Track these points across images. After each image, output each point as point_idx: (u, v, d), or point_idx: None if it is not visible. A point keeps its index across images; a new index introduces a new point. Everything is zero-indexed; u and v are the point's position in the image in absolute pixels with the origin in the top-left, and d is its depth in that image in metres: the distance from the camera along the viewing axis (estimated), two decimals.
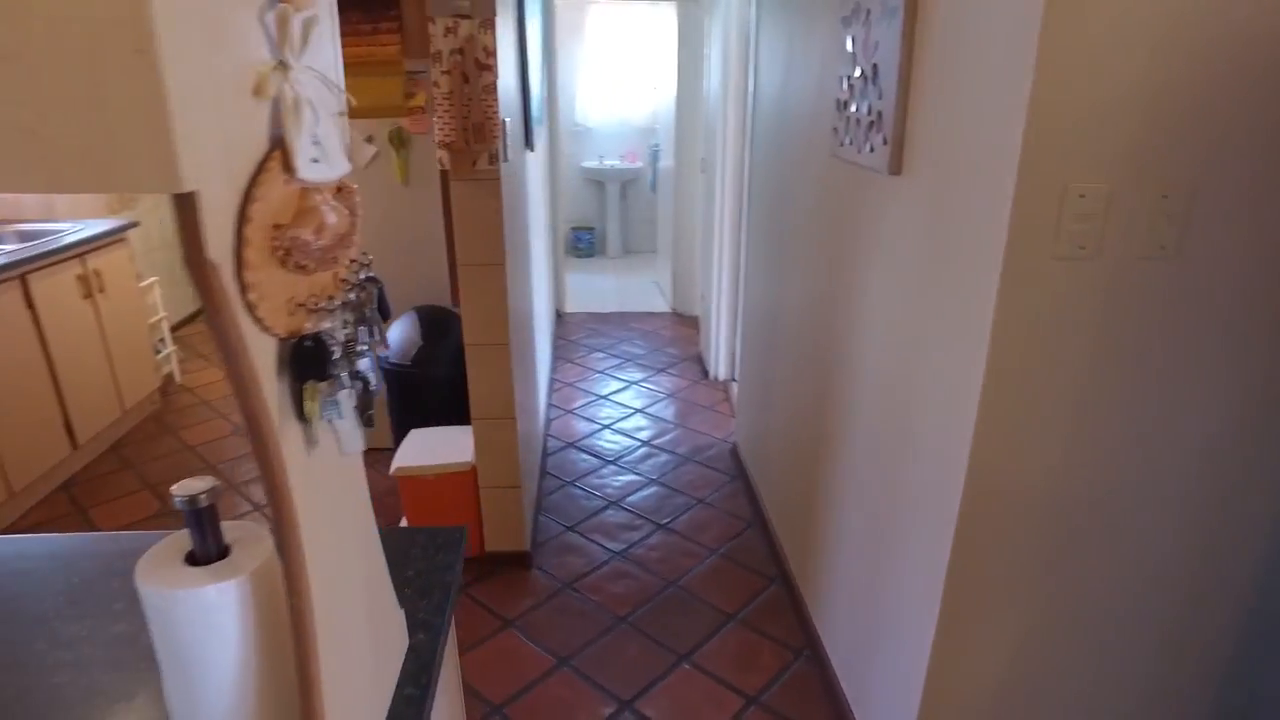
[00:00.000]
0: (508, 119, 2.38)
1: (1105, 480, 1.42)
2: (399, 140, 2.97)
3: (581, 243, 6.78)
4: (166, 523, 3.02)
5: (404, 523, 2.82)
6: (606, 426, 3.76)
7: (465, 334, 2.46)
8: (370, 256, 0.79)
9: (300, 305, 0.63)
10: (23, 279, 3.10)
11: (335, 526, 0.77)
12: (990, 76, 1.31)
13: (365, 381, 0.74)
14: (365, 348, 0.75)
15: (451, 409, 2.92)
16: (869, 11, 1.76)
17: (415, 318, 3.06)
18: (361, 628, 0.84)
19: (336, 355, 0.67)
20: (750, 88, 3.24)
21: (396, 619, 0.99)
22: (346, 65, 2.07)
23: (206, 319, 0.56)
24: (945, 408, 1.49)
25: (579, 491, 3.20)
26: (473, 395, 2.53)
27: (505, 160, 2.37)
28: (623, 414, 3.89)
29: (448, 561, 1.20)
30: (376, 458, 2.98)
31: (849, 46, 1.89)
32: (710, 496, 3.15)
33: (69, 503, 3.19)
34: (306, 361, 0.63)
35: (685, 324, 5.13)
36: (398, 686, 0.96)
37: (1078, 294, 1.32)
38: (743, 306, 3.55)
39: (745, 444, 3.27)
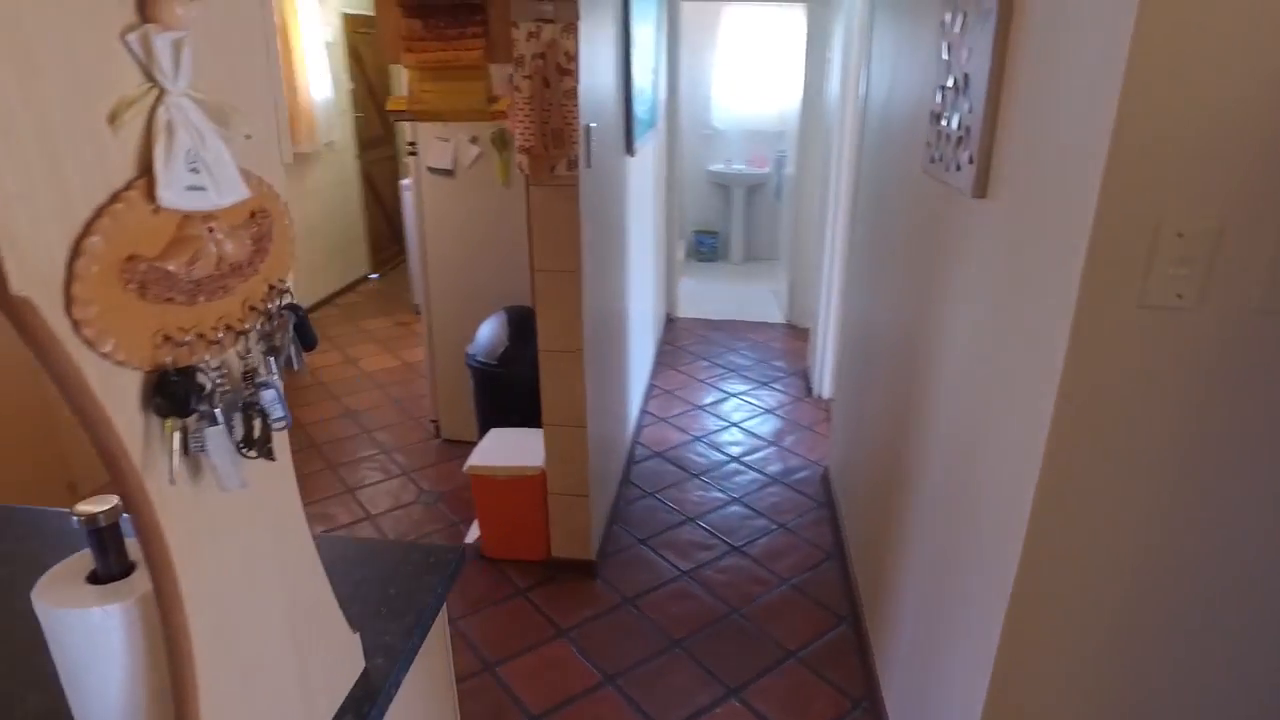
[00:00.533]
0: (593, 124, 2.35)
1: (1193, 573, 1.21)
2: (501, 142, 3.01)
3: (704, 247, 6.70)
4: None
5: (476, 522, 2.87)
6: (699, 439, 3.68)
7: (540, 339, 2.45)
8: (288, 283, 0.76)
9: (168, 339, 0.61)
10: None
11: (242, 556, 0.74)
12: (1078, 88, 1.14)
13: (264, 415, 0.71)
14: (268, 379, 0.72)
15: (535, 410, 2.91)
16: (965, 14, 1.59)
17: (505, 318, 3.09)
18: (280, 656, 0.82)
19: (209, 389, 0.64)
20: (862, 94, 3.06)
21: (343, 643, 0.96)
22: (432, 69, 2.11)
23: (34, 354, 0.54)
24: (1006, 465, 1.32)
25: (658, 504, 3.13)
26: (545, 401, 2.52)
27: (588, 166, 2.34)
28: (717, 427, 3.79)
29: (432, 584, 1.17)
30: (464, 451, 3.07)
31: (944, 53, 1.72)
32: (793, 522, 3.00)
33: None
34: (164, 397, 0.60)
35: (797, 337, 4.95)
36: (338, 714, 0.93)
37: (1170, 350, 1.12)
38: (842, 323, 3.37)
39: (836, 470, 3.10)
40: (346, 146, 5.95)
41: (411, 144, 3.24)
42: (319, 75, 5.31)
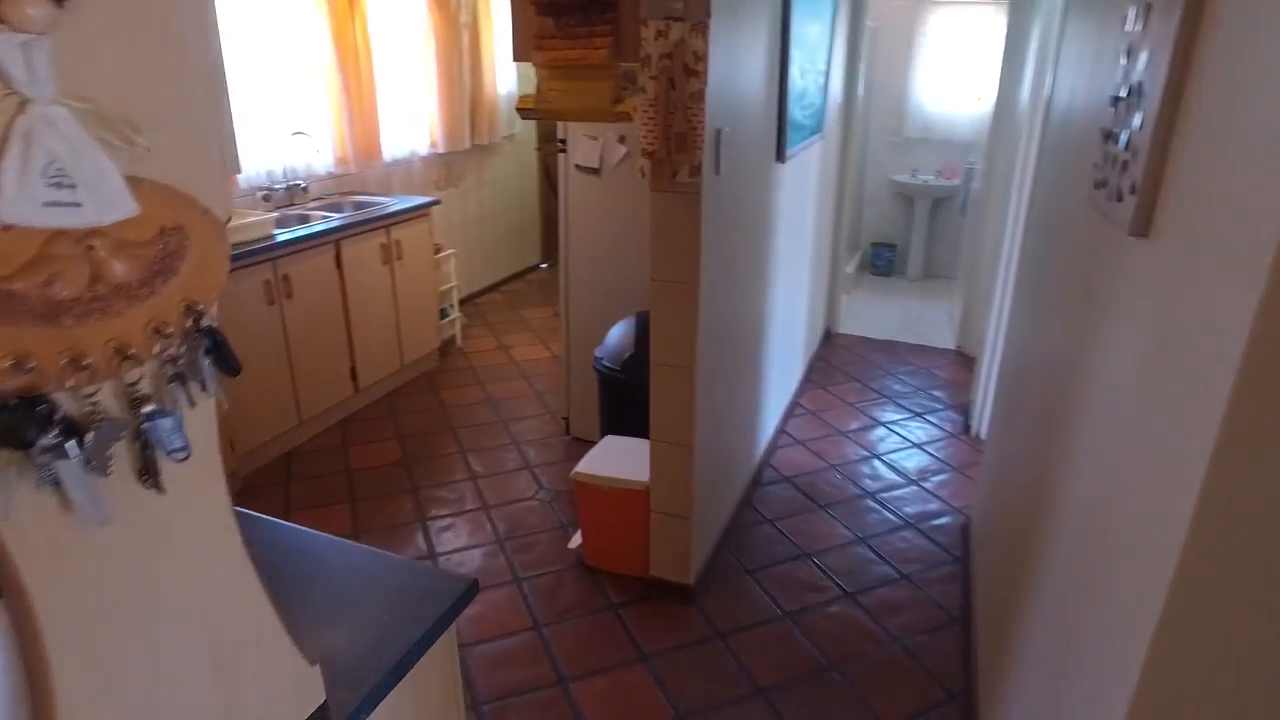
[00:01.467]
0: (726, 129, 2.20)
1: None
2: None
3: (881, 260, 6.31)
4: (395, 474, 3.35)
5: (579, 531, 2.82)
6: (835, 467, 3.43)
7: (652, 351, 2.35)
8: (202, 306, 0.70)
9: (17, 364, 0.56)
10: (336, 243, 3.61)
11: (137, 588, 0.70)
12: (1267, 110, 0.87)
13: (152, 446, 0.65)
14: (167, 408, 0.66)
15: None
16: (1150, 6, 1.30)
17: (634, 322, 3.02)
18: (195, 690, 0.77)
19: (68, 417, 0.59)
20: (1046, 103, 2.69)
21: (294, 674, 0.91)
22: (561, 68, 2.05)
23: None
24: (1140, 546, 1.06)
25: (776, 533, 2.94)
26: (653, 415, 2.42)
27: (715, 174, 2.20)
28: (858, 456, 3.52)
29: (431, 614, 1.10)
30: (584, 451, 3.05)
31: (1122, 57, 1.42)
32: (919, 574, 2.71)
33: (340, 437, 3.68)
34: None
35: (965, 366, 4.51)
36: None
37: None
38: (1001, 357, 3.00)
39: (978, 521, 2.76)
40: (529, 139, 6.14)
41: (561, 141, 3.24)
42: (505, 71, 5.50)
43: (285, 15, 3.85)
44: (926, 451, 3.57)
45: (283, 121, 3.92)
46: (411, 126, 4.81)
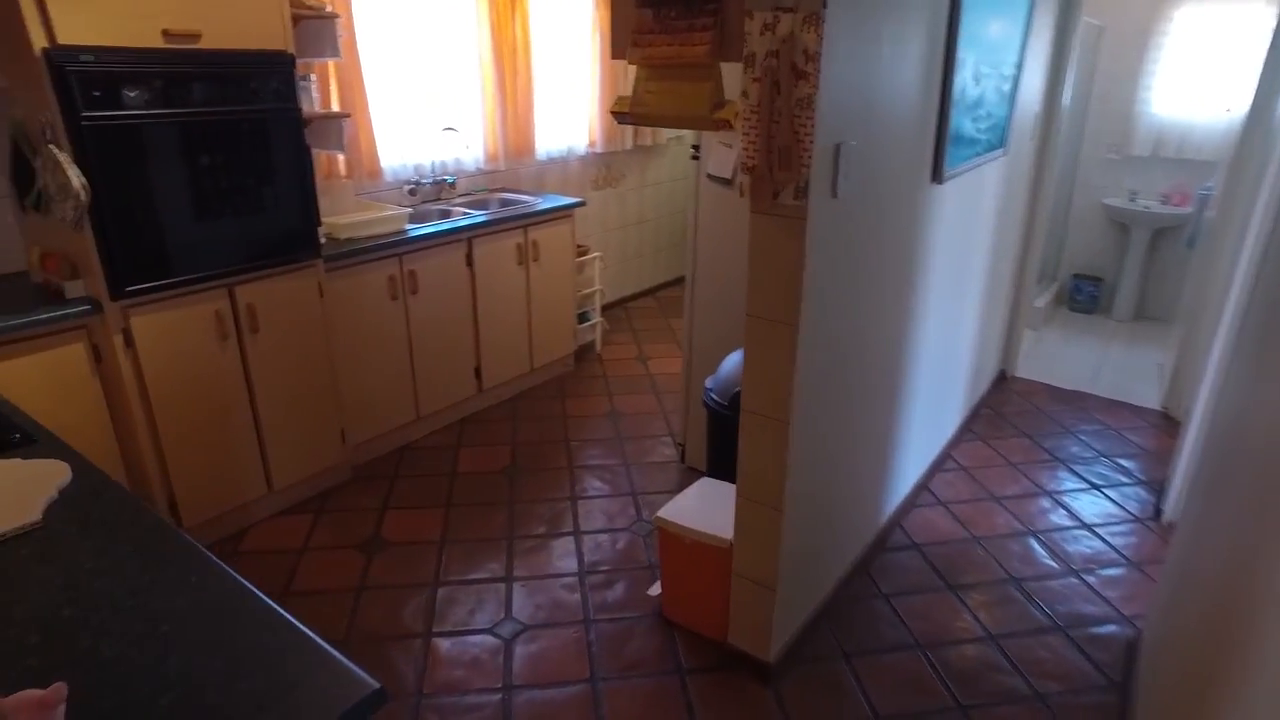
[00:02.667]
0: (849, 142, 1.85)
1: None
2: None
3: (1082, 295, 5.49)
4: (497, 484, 3.24)
5: (658, 579, 2.56)
6: (978, 540, 2.93)
7: (743, 395, 2.04)
8: None
9: None
10: (468, 241, 3.56)
11: None
12: None
13: None
14: None
15: None
16: None
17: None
18: None
19: None
20: None
21: None
22: (657, 67, 1.80)
23: None
24: None
25: (889, 612, 2.53)
26: (740, 469, 2.11)
27: (832, 196, 1.85)
28: (1010, 530, 2.99)
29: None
30: (693, 480, 2.79)
31: None
32: (1059, 698, 2.20)
33: (455, 437, 3.64)
34: None
35: (1168, 432, 3.76)
36: None
37: None
38: (1210, 426, 2.38)
39: (1151, 639, 2.20)
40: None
41: (695, 147, 2.98)
42: None
43: (444, 9, 3.86)
44: (1099, 536, 2.96)
45: (435, 116, 3.94)
46: (570, 124, 4.73)
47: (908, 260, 2.48)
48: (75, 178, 2.21)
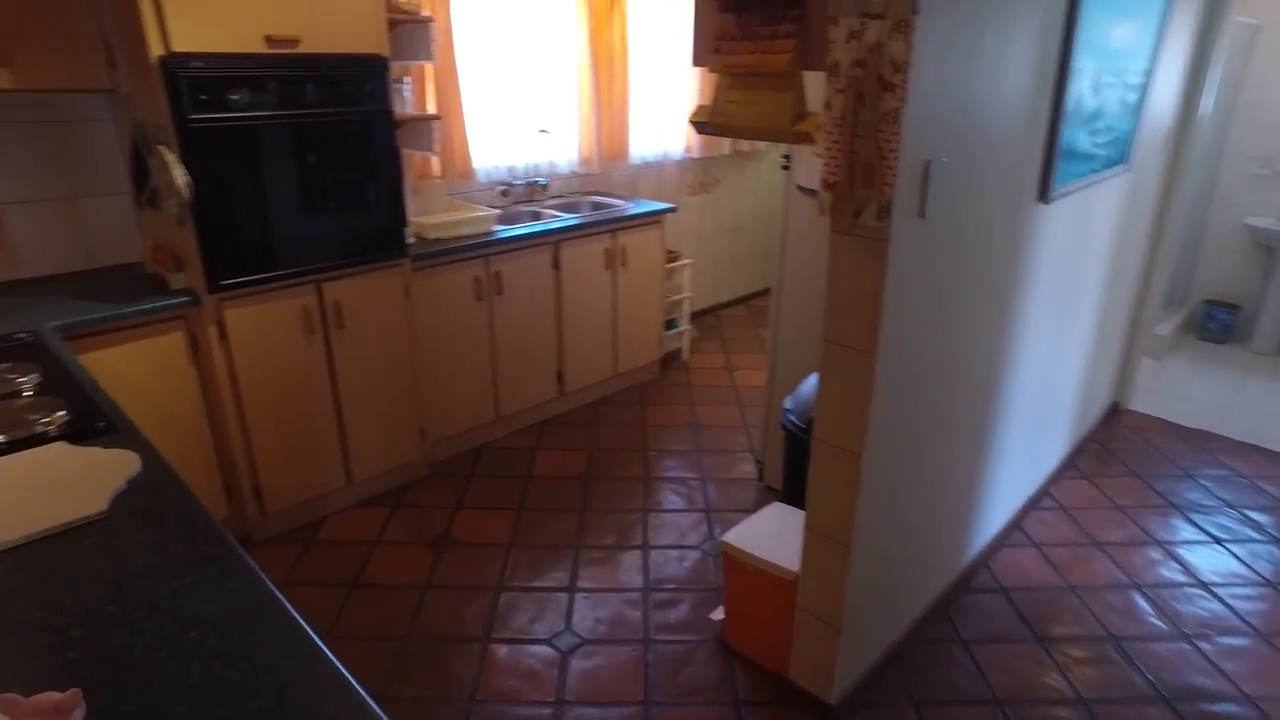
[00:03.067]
0: (940, 159, 1.72)
1: None
2: None
3: (1214, 323, 5.03)
4: (570, 490, 3.22)
5: (722, 604, 2.48)
6: (1073, 589, 2.70)
7: (815, 424, 1.94)
8: None
9: None
10: (556, 245, 3.57)
11: None
12: None
13: None
14: None
15: None
16: None
17: None
18: None
19: None
20: None
21: None
22: (738, 75, 1.72)
23: None
24: None
25: (967, 661, 2.36)
26: (809, 500, 2.00)
27: (919, 216, 1.73)
28: (1112, 582, 2.75)
29: None
30: (770, 503, 2.71)
31: None
32: None
33: (534, 439, 3.65)
34: None
35: None
36: None
37: None
38: None
39: None
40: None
41: (785, 157, 2.88)
42: None
43: (542, 11, 3.88)
44: (1218, 597, 2.68)
45: (529, 118, 3.97)
46: (666, 129, 4.68)
47: (1006, 284, 2.30)
48: (179, 176, 2.32)
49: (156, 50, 2.26)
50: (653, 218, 3.97)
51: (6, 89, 2.30)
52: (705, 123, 1.89)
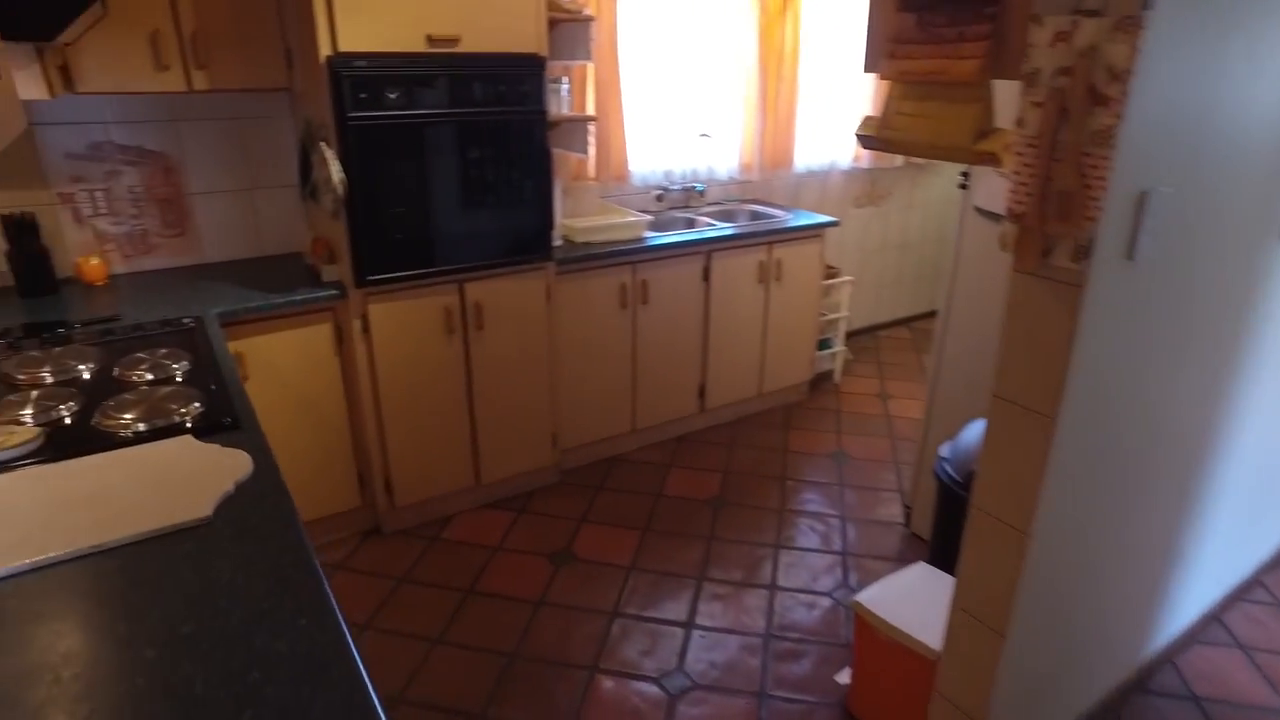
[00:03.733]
0: (1161, 189, 1.41)
1: None
2: None
3: None
4: (699, 514, 3.06)
5: (850, 666, 2.23)
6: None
7: (975, 490, 1.67)
8: None
9: None
10: (707, 255, 3.41)
11: None
12: None
13: None
14: None
15: None
16: None
17: None
18: None
19: None
20: None
21: None
22: (915, 84, 1.50)
23: None
24: None
25: None
26: (960, 574, 1.74)
27: (1127, 259, 1.43)
28: None
29: None
30: (919, 555, 2.49)
31: None
32: None
33: (668, 455, 3.52)
34: None
35: None
36: None
37: None
38: None
39: None
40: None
41: (964, 174, 2.57)
42: None
43: (711, 11, 3.72)
44: None
45: (690, 121, 3.83)
46: (834, 136, 4.41)
47: (1232, 339, 1.91)
48: (335, 172, 2.36)
49: (325, 50, 2.30)
50: (813, 231, 3.72)
51: (201, 90, 2.42)
52: (872, 137, 1.66)
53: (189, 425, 1.60)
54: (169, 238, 2.81)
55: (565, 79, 3.04)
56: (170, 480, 1.40)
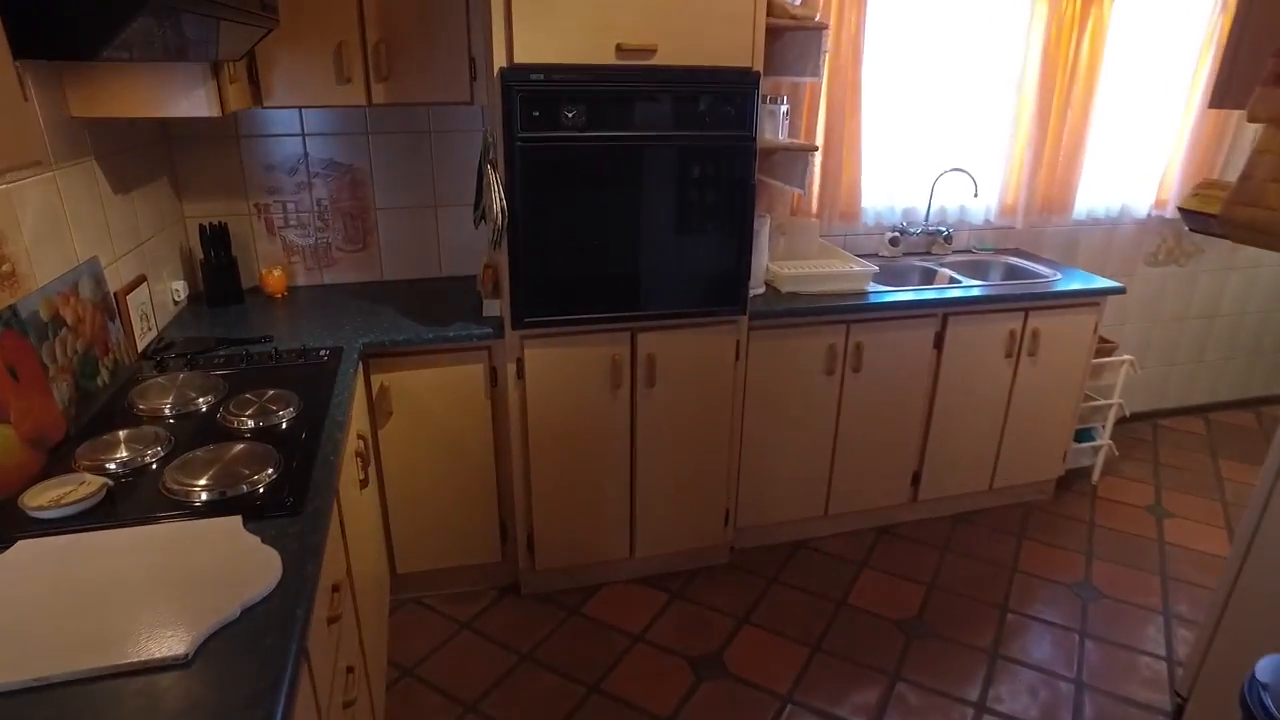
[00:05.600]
0: None
1: None
2: None
3: None
4: (888, 637, 2.46)
5: None
6: None
7: None
8: None
9: None
10: (943, 318, 2.79)
11: None
12: None
13: None
14: None
15: None
16: None
17: None
18: None
19: None
20: None
21: None
22: None
23: None
24: None
25: None
26: None
27: None
28: None
29: None
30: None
31: None
32: None
33: (863, 551, 2.94)
34: None
35: None
36: None
37: None
38: None
39: None
40: None
41: None
42: None
43: (980, 18, 3.06)
44: None
45: (941, 150, 3.20)
46: (1131, 177, 3.53)
47: None
48: (497, 200, 2.09)
49: (499, 61, 2.03)
50: (1088, 298, 2.94)
51: (381, 103, 2.27)
52: (1211, 216, 1.04)
53: (253, 497, 1.37)
54: (350, 252, 2.72)
55: (784, 99, 2.56)
56: (181, 586, 1.14)
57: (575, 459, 2.47)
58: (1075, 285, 2.94)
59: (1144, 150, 3.48)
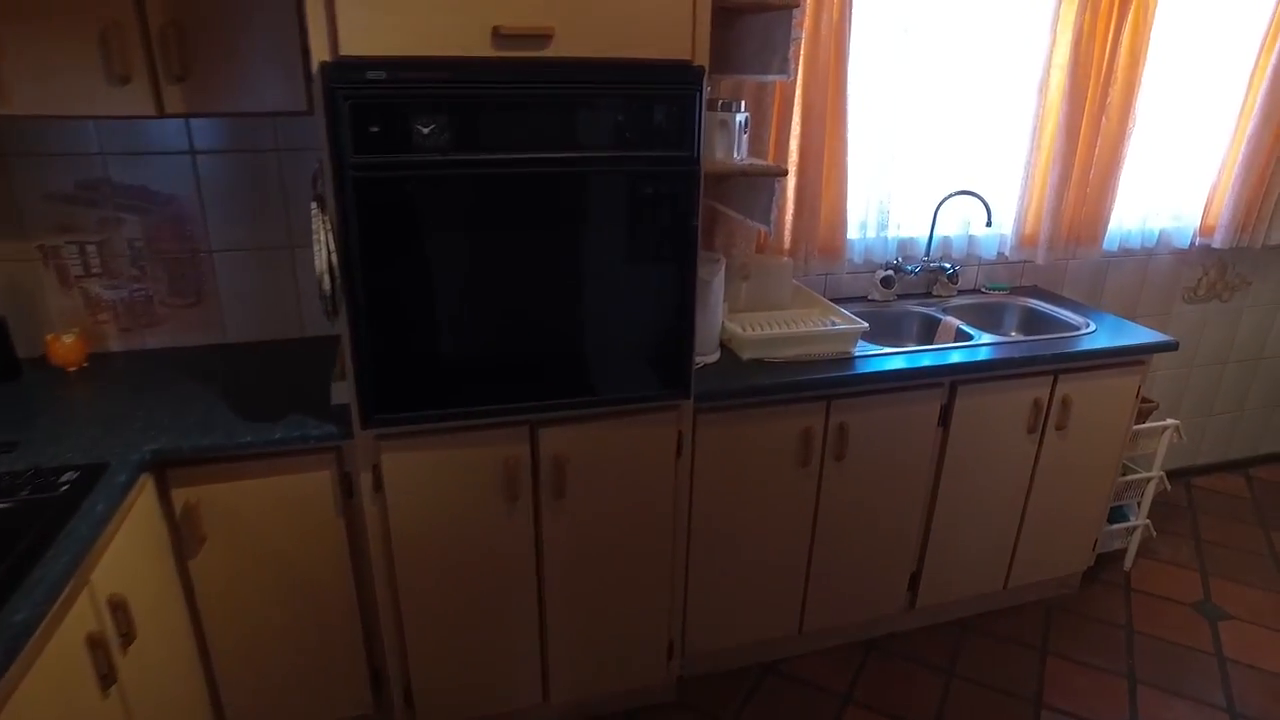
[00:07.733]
0: None
1: None
2: None
3: None
4: None
5: None
6: None
7: None
8: None
9: None
10: (951, 385, 2.17)
11: None
12: None
13: None
14: None
15: None
16: None
17: None
18: None
19: None
20: None
21: None
22: None
23: None
24: None
25: None
26: None
27: None
28: None
29: None
30: None
31: None
32: None
33: (848, 672, 2.31)
34: None
35: None
36: None
37: None
38: None
39: None
40: None
41: None
42: None
43: (994, 11, 2.46)
44: None
45: (948, 170, 2.59)
46: (1171, 203, 2.93)
47: None
48: (319, 255, 1.45)
49: (320, 53, 1.39)
50: (1131, 357, 2.33)
51: (177, 113, 1.62)
52: None
53: None
54: (180, 308, 2.07)
55: (742, 105, 1.90)
56: None
57: (461, 588, 1.83)
58: (1115, 341, 2.33)
59: (1191, 166, 2.88)
